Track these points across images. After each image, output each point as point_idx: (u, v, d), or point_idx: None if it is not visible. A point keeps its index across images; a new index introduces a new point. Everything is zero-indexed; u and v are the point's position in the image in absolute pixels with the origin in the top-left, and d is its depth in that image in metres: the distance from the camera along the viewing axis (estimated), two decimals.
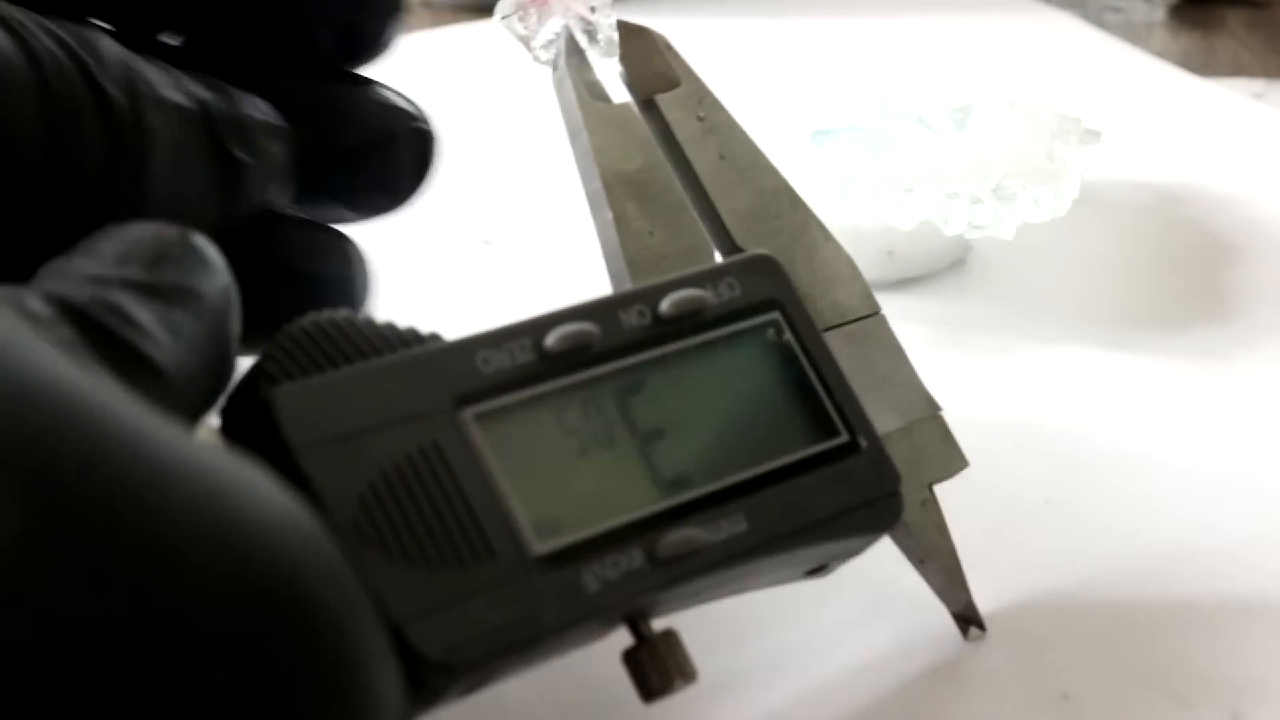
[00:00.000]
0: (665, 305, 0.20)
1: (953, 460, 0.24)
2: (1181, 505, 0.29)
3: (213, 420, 0.17)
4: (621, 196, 0.23)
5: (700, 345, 0.20)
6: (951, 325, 0.36)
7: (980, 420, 0.32)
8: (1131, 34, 0.63)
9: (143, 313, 0.16)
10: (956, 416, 0.32)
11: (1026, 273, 0.38)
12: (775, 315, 0.21)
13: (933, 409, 0.24)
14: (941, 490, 0.24)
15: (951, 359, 0.34)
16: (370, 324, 0.18)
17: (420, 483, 0.17)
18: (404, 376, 0.18)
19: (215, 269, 0.17)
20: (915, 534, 0.23)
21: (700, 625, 0.24)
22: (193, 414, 0.16)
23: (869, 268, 0.37)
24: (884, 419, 0.23)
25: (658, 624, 0.20)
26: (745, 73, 0.56)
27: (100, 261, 0.16)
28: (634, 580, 0.18)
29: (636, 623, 0.19)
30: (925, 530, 0.23)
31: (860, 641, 0.25)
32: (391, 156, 0.24)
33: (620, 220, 0.23)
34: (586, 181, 0.24)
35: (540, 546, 0.18)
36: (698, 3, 0.64)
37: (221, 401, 0.17)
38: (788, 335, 0.21)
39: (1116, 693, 0.24)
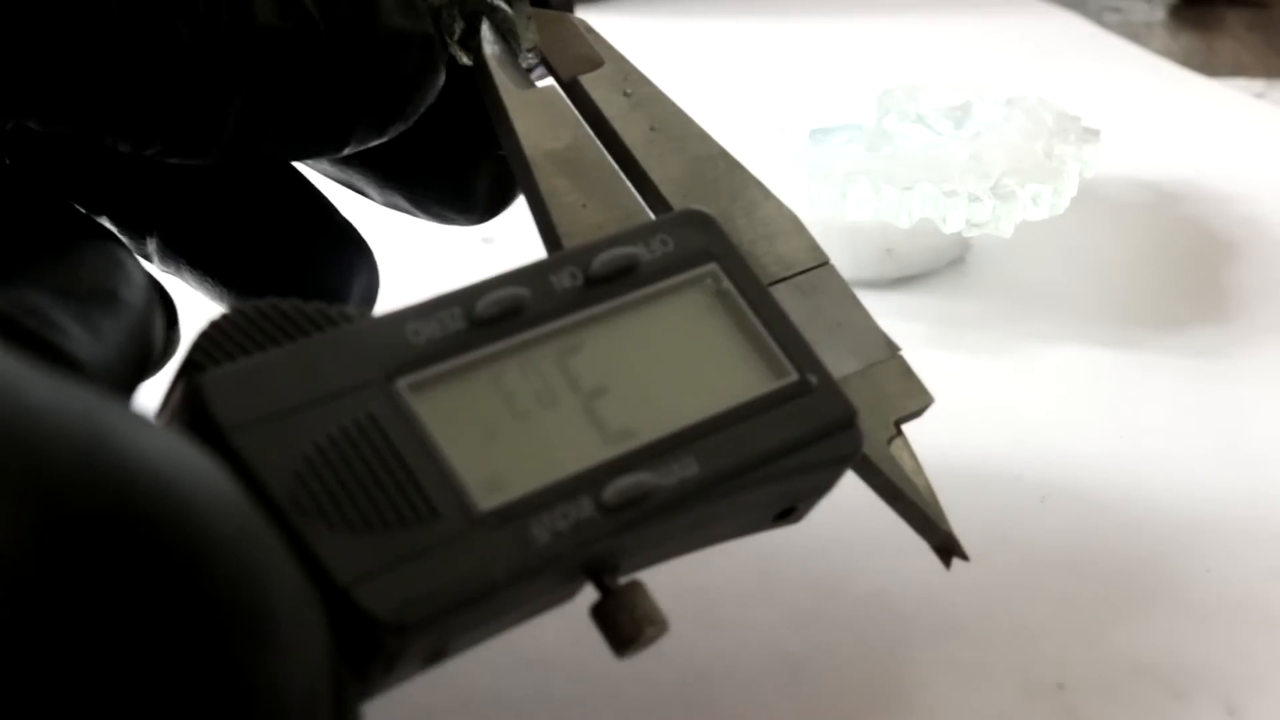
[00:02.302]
0: (596, 264, 0.20)
1: (916, 395, 0.24)
2: (1178, 501, 0.29)
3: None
4: (550, 174, 0.23)
5: (636, 301, 0.20)
6: (950, 323, 0.36)
7: (978, 417, 0.32)
8: (1131, 34, 0.63)
9: (59, 313, 0.16)
10: (955, 414, 0.32)
11: (1025, 271, 0.39)
12: (712, 266, 0.21)
13: (891, 350, 0.24)
14: (942, 488, 0.24)
15: (950, 357, 0.35)
16: (297, 306, 0.18)
17: (357, 453, 0.17)
18: (333, 353, 0.18)
19: (131, 274, 0.17)
20: (885, 472, 0.23)
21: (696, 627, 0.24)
22: None
23: (868, 266, 0.38)
24: (842, 363, 0.22)
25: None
26: (745, 72, 0.56)
27: (21, 273, 0.16)
28: (585, 529, 0.18)
29: (601, 577, 0.19)
30: (894, 468, 0.23)
31: (856, 634, 0.25)
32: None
33: (551, 196, 0.23)
34: (516, 167, 0.23)
35: (486, 503, 0.18)
36: (698, 3, 0.64)
37: (160, 403, 0.18)
38: (726, 284, 0.21)
39: (1111, 684, 0.24)
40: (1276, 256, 0.40)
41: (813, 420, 0.20)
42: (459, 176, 0.25)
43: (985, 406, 0.32)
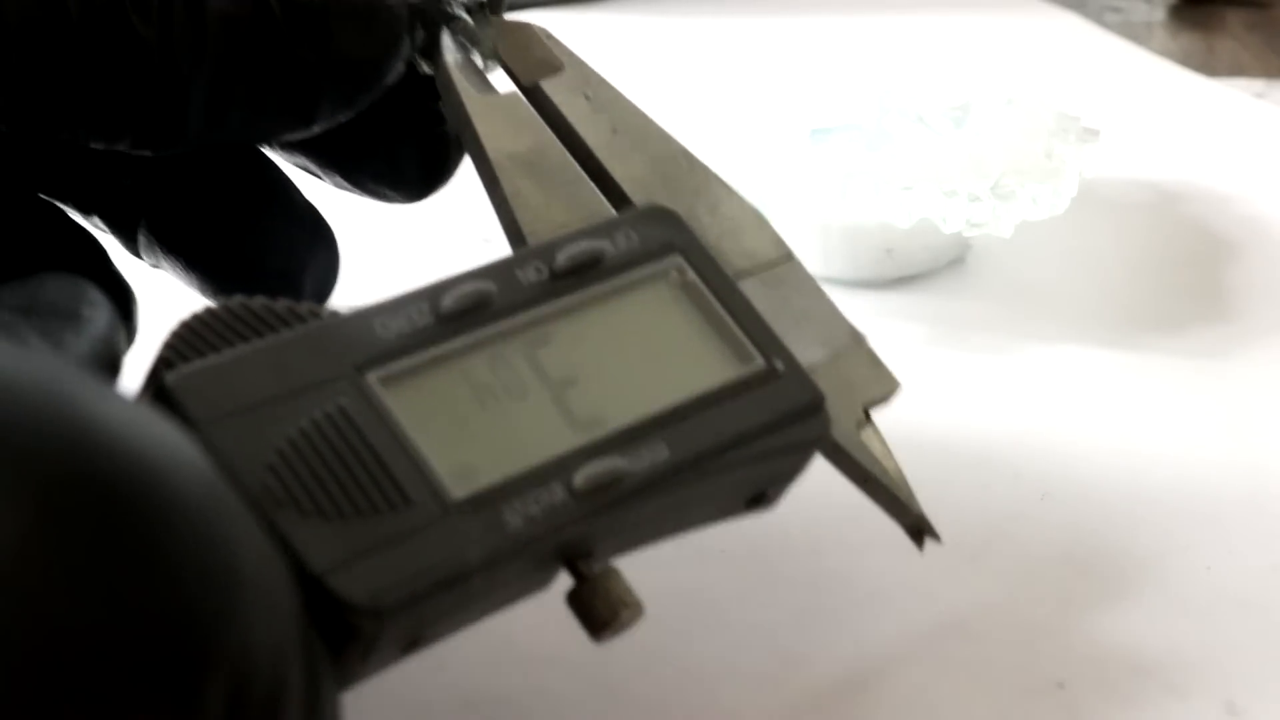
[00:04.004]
0: (561, 258, 0.20)
1: (883, 382, 0.24)
2: (1178, 500, 0.29)
3: None
4: (514, 175, 0.23)
5: (602, 294, 0.20)
6: (950, 323, 0.36)
7: (978, 417, 0.32)
8: (1131, 34, 0.63)
9: (22, 327, 0.16)
10: (955, 413, 0.32)
11: (1025, 271, 0.39)
12: (676, 259, 0.21)
13: (857, 339, 0.24)
14: (942, 486, 0.24)
15: (950, 357, 0.35)
16: (265, 304, 0.18)
17: (329, 445, 0.17)
18: (303, 349, 0.18)
19: (93, 296, 0.18)
20: (855, 457, 0.23)
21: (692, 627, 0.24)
22: None
23: (868, 266, 0.38)
24: (809, 352, 0.23)
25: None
26: (745, 71, 0.56)
27: None
28: (557, 513, 0.18)
29: (575, 564, 0.19)
30: (864, 452, 0.23)
31: (856, 634, 0.25)
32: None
33: (515, 196, 0.23)
34: (480, 171, 0.23)
35: (458, 491, 0.18)
36: (698, 2, 0.64)
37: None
38: (691, 275, 0.21)
39: (1111, 682, 0.24)
40: (1276, 256, 0.40)
41: (780, 405, 0.20)
42: (390, 155, 0.26)
43: (985, 406, 0.32)
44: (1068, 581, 0.26)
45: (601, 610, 0.19)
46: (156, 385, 0.17)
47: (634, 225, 0.21)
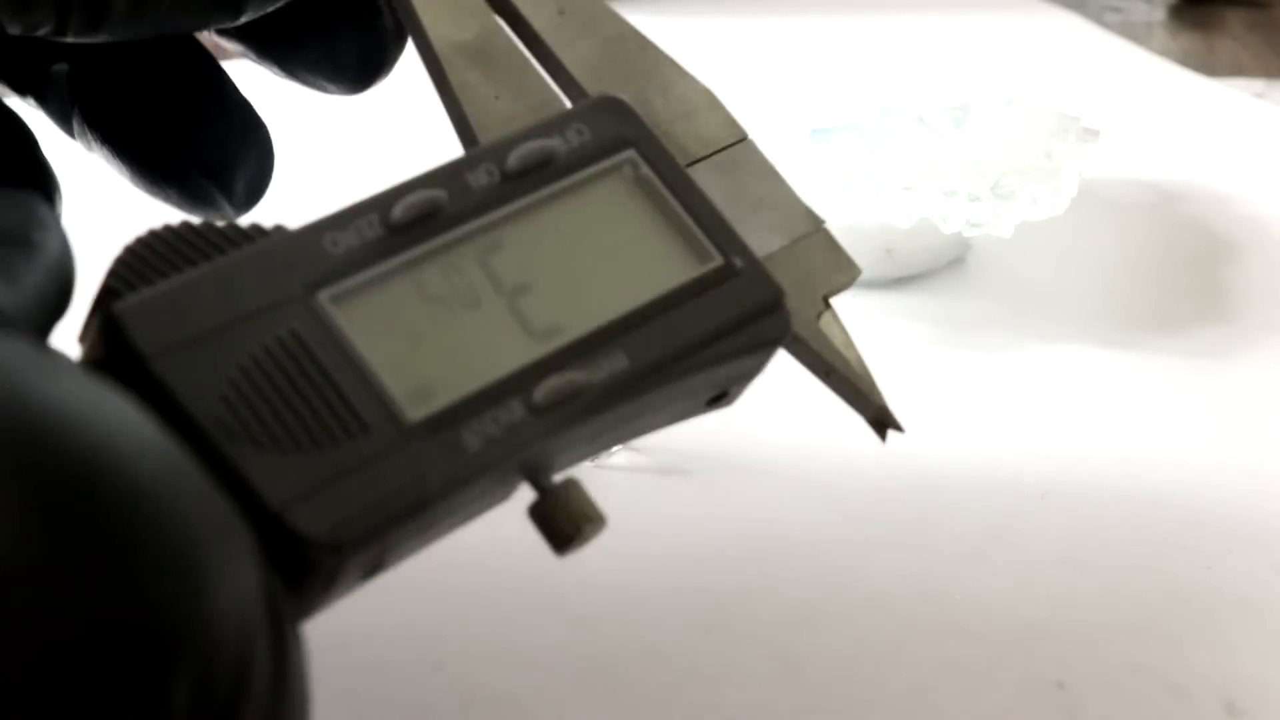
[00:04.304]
0: (512, 160, 0.20)
1: (843, 268, 0.23)
2: (1178, 500, 0.29)
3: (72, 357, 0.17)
4: (460, 67, 0.22)
5: (555, 194, 0.20)
6: (950, 323, 0.36)
7: (979, 416, 0.32)
8: (1131, 34, 0.63)
9: None
10: (955, 413, 0.32)
11: (1025, 271, 0.39)
12: (630, 153, 0.21)
13: (815, 223, 0.23)
14: (942, 487, 0.24)
15: (950, 357, 0.35)
16: (211, 226, 0.18)
17: (282, 371, 0.17)
18: (251, 271, 0.18)
19: (46, 221, 0.17)
20: (815, 348, 0.22)
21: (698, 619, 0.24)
22: None
23: (868, 266, 0.38)
24: (766, 241, 0.22)
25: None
26: (745, 71, 0.56)
27: None
28: (517, 431, 0.18)
29: (536, 475, 0.19)
30: (824, 343, 0.22)
31: (856, 634, 0.25)
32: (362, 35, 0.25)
33: (462, 89, 0.22)
34: (425, 61, 0.23)
35: (414, 414, 0.17)
36: (698, 2, 0.64)
37: (80, 332, 0.17)
38: (645, 170, 0.21)
39: (1111, 682, 0.24)
40: (1276, 256, 0.40)
41: (739, 305, 0.20)
42: (327, 45, 0.25)
43: (985, 406, 0.32)
44: (1068, 581, 0.26)
45: (564, 524, 0.19)
46: (103, 315, 0.17)
47: (585, 119, 0.21)
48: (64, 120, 0.26)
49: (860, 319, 0.23)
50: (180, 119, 0.25)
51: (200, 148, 0.25)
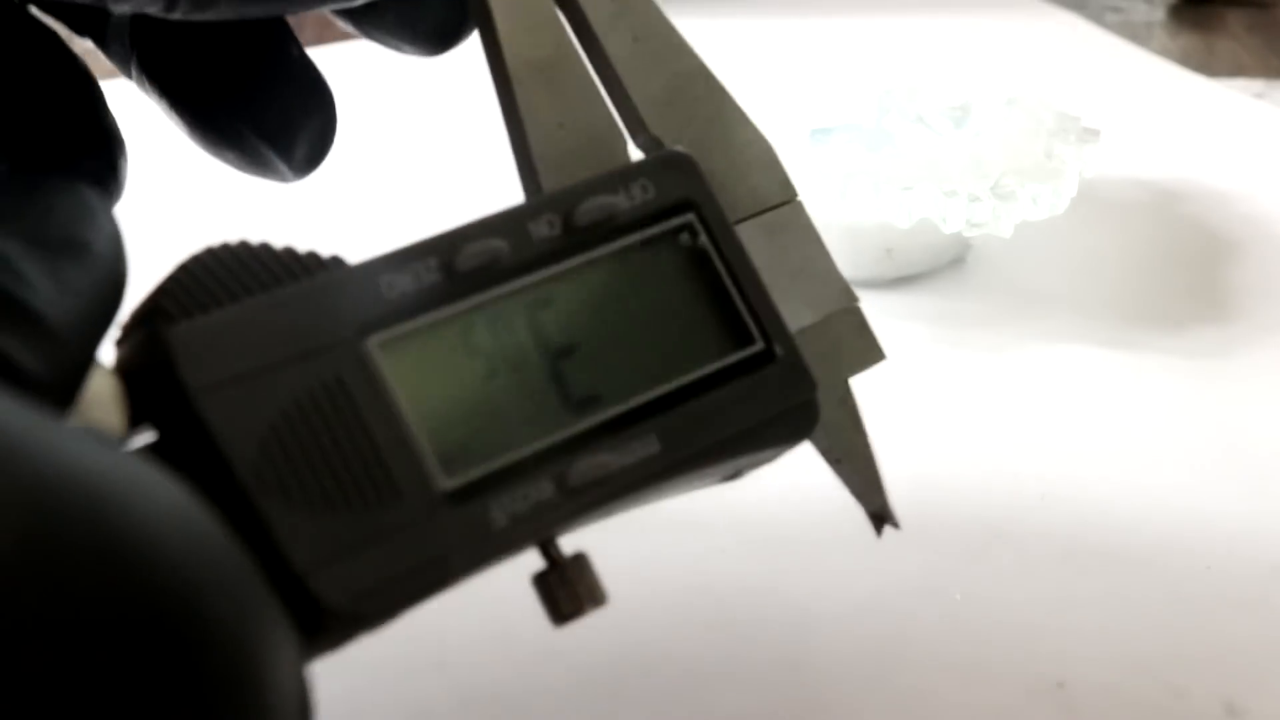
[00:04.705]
0: (577, 214, 0.20)
1: (870, 352, 0.23)
2: (1178, 500, 0.29)
3: (106, 361, 0.17)
4: (530, 87, 0.22)
5: (612, 254, 0.20)
6: (950, 323, 0.36)
7: (979, 416, 0.32)
8: (1131, 34, 0.63)
9: (28, 264, 0.16)
10: (955, 413, 0.32)
11: (1025, 271, 0.39)
12: (690, 217, 0.21)
13: (849, 299, 0.23)
14: (942, 487, 0.24)
15: (950, 356, 0.35)
16: (269, 250, 0.18)
17: (323, 420, 0.17)
18: (304, 307, 0.17)
19: (101, 221, 0.17)
20: (832, 433, 0.22)
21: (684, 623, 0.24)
22: (81, 360, 0.16)
23: (868, 266, 0.38)
24: (800, 313, 0.22)
25: (568, 544, 0.19)
26: (745, 71, 0.56)
27: None
28: (544, 512, 0.18)
29: (547, 546, 0.19)
30: (842, 429, 0.23)
31: (855, 634, 0.25)
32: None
33: (529, 113, 0.22)
34: (495, 74, 0.23)
35: (446, 482, 0.17)
36: (698, 2, 0.64)
37: (116, 333, 0.17)
38: (703, 238, 0.21)
39: (1111, 681, 0.24)
40: (1276, 256, 0.40)
41: (774, 397, 0.20)
42: (404, 7, 0.24)
43: (985, 406, 0.32)
44: (1068, 581, 0.26)
45: (568, 603, 0.19)
46: (150, 335, 0.17)
47: (652, 176, 0.21)
48: (124, 65, 0.25)
49: None
50: (241, 79, 0.25)
51: (261, 111, 0.25)
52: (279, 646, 0.14)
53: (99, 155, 0.24)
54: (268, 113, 0.25)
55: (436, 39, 0.25)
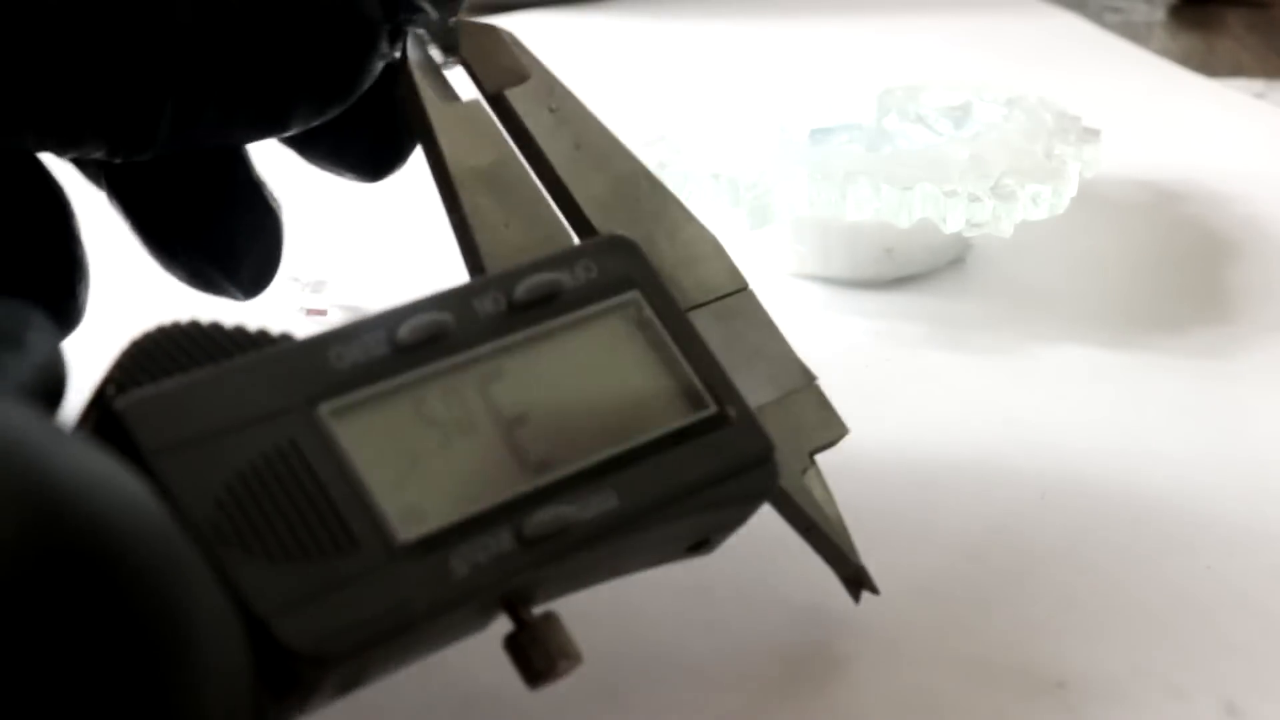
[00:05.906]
0: (520, 290, 0.20)
1: (831, 426, 0.24)
2: (1178, 500, 0.29)
3: None
4: (474, 191, 0.23)
5: (559, 328, 0.20)
6: (950, 323, 0.36)
7: (978, 416, 0.32)
8: (1131, 34, 0.63)
9: None
10: (955, 413, 0.32)
11: (1025, 271, 0.39)
12: (634, 294, 0.21)
13: (808, 379, 0.24)
14: (942, 487, 0.24)
15: (950, 356, 0.35)
16: (219, 328, 0.18)
17: (278, 480, 0.17)
18: (256, 376, 0.18)
19: (38, 323, 0.17)
20: (798, 503, 0.23)
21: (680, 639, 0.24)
22: None
23: (868, 266, 0.38)
24: (759, 392, 0.23)
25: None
26: (745, 72, 0.56)
27: None
28: (504, 562, 0.18)
29: (516, 608, 0.19)
30: (808, 499, 0.23)
31: (855, 633, 0.25)
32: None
33: (474, 214, 0.23)
34: (438, 182, 0.23)
35: (405, 534, 0.18)
36: (698, 3, 0.64)
37: (77, 421, 0.17)
38: (647, 312, 0.21)
39: (1112, 681, 0.24)
40: (1276, 256, 0.40)
41: (730, 455, 0.20)
42: (342, 137, 0.25)
43: (985, 406, 0.32)
44: (1068, 581, 0.26)
45: (539, 661, 0.19)
46: (104, 409, 0.17)
47: (594, 256, 0.21)
48: (96, 182, 0.26)
49: (860, 319, 0.23)
50: (190, 205, 0.26)
51: (209, 237, 0.26)
52: (203, 598, 0.14)
53: (59, 282, 0.25)
54: (215, 238, 0.26)
55: (370, 167, 0.26)
